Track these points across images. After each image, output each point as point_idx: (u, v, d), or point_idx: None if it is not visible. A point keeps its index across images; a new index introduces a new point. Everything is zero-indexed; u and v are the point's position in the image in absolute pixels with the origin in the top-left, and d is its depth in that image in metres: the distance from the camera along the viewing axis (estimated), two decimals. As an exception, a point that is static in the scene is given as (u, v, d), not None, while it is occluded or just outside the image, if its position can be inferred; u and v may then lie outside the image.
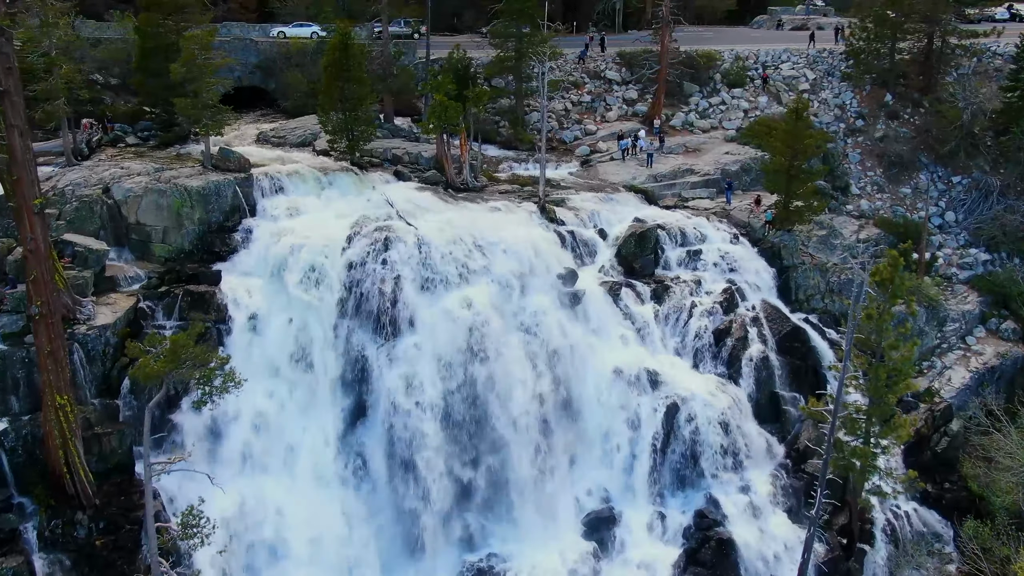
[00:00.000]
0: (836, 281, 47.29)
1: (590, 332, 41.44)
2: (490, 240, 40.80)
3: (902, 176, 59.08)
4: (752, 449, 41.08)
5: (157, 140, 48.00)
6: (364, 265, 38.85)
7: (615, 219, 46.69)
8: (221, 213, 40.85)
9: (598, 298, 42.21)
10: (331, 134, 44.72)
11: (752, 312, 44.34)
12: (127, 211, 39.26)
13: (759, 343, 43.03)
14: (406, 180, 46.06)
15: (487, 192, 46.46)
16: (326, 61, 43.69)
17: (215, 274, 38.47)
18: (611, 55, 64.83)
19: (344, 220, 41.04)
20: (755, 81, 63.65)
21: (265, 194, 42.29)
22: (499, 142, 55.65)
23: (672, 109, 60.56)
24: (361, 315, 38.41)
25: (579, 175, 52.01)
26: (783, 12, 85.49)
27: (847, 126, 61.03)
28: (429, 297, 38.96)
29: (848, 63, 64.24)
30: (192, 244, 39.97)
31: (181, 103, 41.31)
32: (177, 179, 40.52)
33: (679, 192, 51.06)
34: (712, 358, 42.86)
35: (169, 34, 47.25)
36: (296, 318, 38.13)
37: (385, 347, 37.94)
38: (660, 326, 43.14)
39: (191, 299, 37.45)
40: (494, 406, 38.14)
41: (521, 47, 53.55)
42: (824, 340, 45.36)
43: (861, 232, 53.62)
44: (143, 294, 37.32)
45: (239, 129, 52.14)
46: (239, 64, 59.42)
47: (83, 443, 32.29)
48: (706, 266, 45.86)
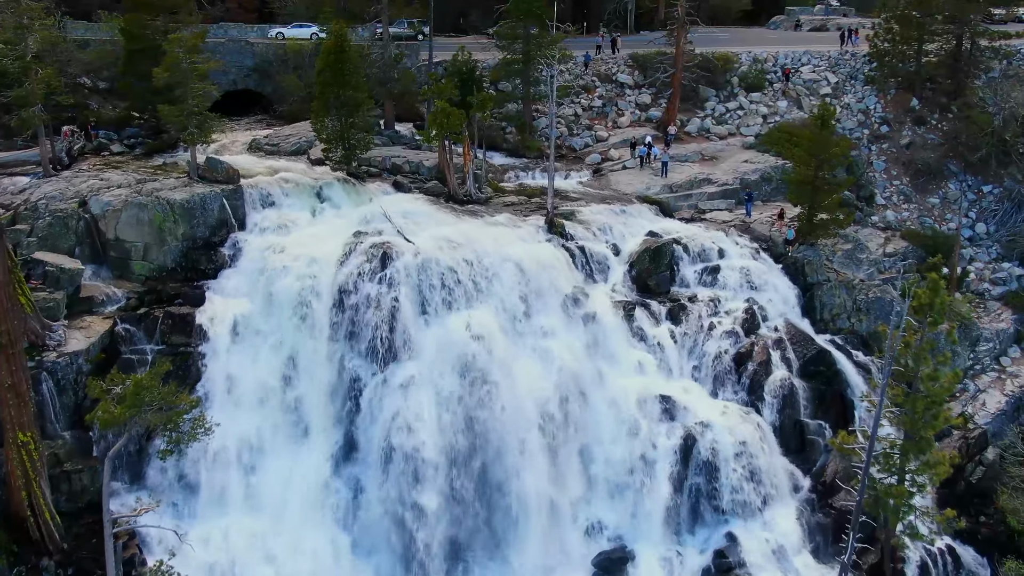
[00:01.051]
0: (864, 299, 44.31)
1: (601, 357, 38.63)
2: (495, 258, 38.11)
3: (930, 185, 56.09)
4: (776, 483, 38.16)
5: (144, 148, 45.54)
6: (359, 285, 36.25)
7: (628, 233, 43.90)
8: (207, 228, 38.24)
9: (610, 320, 39.38)
10: (326, 143, 42.05)
11: (775, 333, 41.43)
12: (105, 226, 36.69)
13: (783, 368, 40.14)
14: (406, 191, 43.39)
15: (492, 204, 43.72)
16: (320, 65, 41.01)
17: (199, 294, 35.88)
18: (623, 57, 61.95)
19: (338, 236, 38.41)
20: (774, 85, 60.73)
21: (255, 207, 39.73)
22: (505, 149, 52.92)
23: (687, 114, 57.68)
24: (355, 339, 35.85)
25: (590, 185, 49.21)
26: (801, 12, 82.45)
27: (871, 132, 58.09)
28: (428, 320, 36.35)
29: (872, 66, 61.28)
30: (175, 261, 37.39)
31: (165, 110, 38.71)
32: (160, 191, 37.91)
33: (696, 203, 48.23)
34: (732, 384, 39.98)
35: (156, 36, 44.84)
36: (285, 342, 35.64)
37: (381, 374, 35.27)
38: (676, 349, 40.27)
39: (172, 322, 34.96)
40: (498, 438, 35.42)
41: (529, 49, 50.75)
42: (851, 363, 42.39)
43: (888, 245, 50.70)
44: (120, 316, 34.82)
45: (231, 136, 49.57)
46: (234, 67, 57.01)
47: (50, 481, 29.82)
48: (725, 284, 42.96)
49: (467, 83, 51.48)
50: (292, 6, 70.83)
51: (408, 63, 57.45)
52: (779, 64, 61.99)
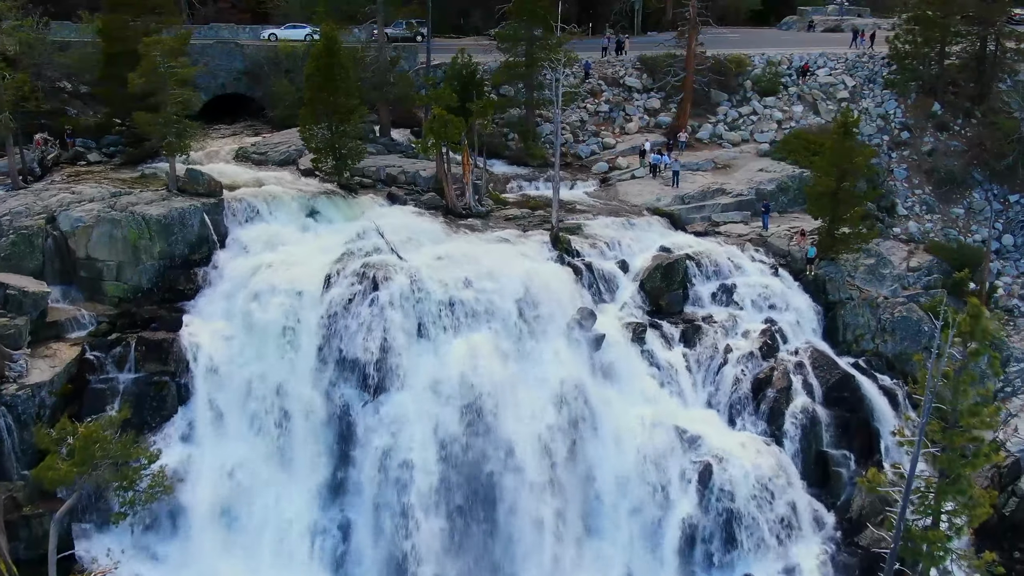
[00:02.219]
0: (889, 319, 41.56)
1: (610, 383, 35.92)
2: (495, 277, 35.33)
3: (953, 194, 53.37)
4: (798, 520, 35.46)
5: (124, 157, 42.85)
6: (349, 308, 33.57)
7: (637, 248, 41.16)
8: (186, 245, 35.57)
9: (619, 343, 36.65)
10: (315, 152, 39.32)
11: (795, 357, 38.73)
12: (75, 244, 34.02)
13: (804, 395, 37.42)
14: (401, 204, 40.66)
15: (493, 218, 40.99)
16: (310, 69, 38.29)
17: (175, 318, 33.23)
18: (631, 60, 59.17)
19: (328, 254, 35.73)
20: (789, 88, 57.93)
21: (238, 222, 37.10)
22: (507, 157, 50.18)
23: (698, 120, 54.93)
24: (344, 367, 33.17)
25: (597, 195, 46.49)
26: (814, 12, 79.61)
27: (891, 138, 55.33)
28: (423, 346, 33.65)
29: (891, 68, 58.50)
30: (151, 282, 34.72)
31: (141, 118, 35.99)
32: (135, 206, 35.23)
33: (709, 215, 45.51)
34: (750, 412, 37.27)
35: (138, 38, 41.97)
36: (270, 370, 32.96)
37: (372, 404, 32.63)
38: (690, 374, 37.59)
39: (146, 348, 32.33)
40: (498, 473, 32.73)
41: (532, 52, 47.97)
42: (876, 388, 39.66)
43: (911, 259, 47.96)
44: (90, 343, 32.18)
45: (217, 143, 46.93)
46: (223, 70, 54.42)
47: (8, 528, 27.11)
48: (742, 302, 40.27)
49: (467, 87, 48.74)
50: (286, 5, 68.09)
51: (405, 66, 54.80)
52: (794, 67, 59.17)
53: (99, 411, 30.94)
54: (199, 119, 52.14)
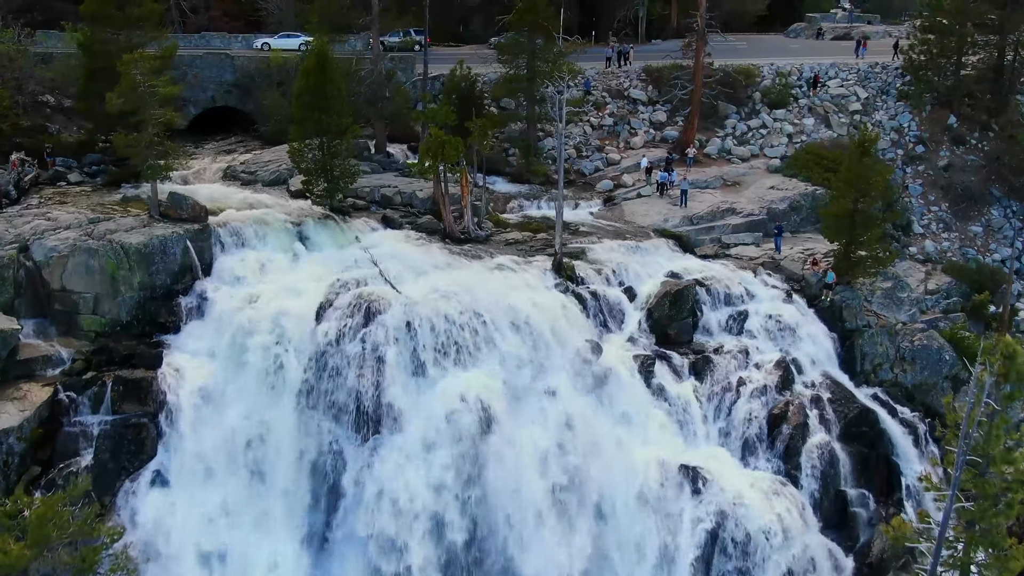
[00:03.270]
0: (908, 347, 39.59)
1: (617, 421, 33.97)
2: (495, 309, 33.44)
3: (971, 212, 51.40)
4: (816, 565, 33.44)
5: (106, 177, 40.71)
6: (339, 344, 31.57)
7: (644, 274, 39.17)
8: (168, 275, 33.55)
9: (626, 377, 34.68)
10: (306, 175, 37.30)
11: (811, 390, 36.76)
12: (50, 276, 31.99)
13: (821, 431, 35.42)
14: (396, 227, 38.72)
15: (492, 242, 38.96)
16: (299, 87, 36.25)
17: (155, 355, 31.26)
18: (635, 70, 57.11)
19: (318, 284, 33.72)
20: (799, 100, 55.91)
21: (224, 249, 35.07)
22: (508, 173, 48.18)
23: (706, 134, 52.89)
24: (335, 407, 31.23)
25: (601, 216, 44.50)
26: (823, 19, 77.59)
27: (906, 153, 53.35)
28: (419, 384, 31.65)
29: (905, 80, 56.50)
30: (130, 315, 32.66)
31: (120, 140, 34.00)
32: (114, 233, 33.20)
33: (719, 237, 43.53)
34: (765, 450, 35.28)
35: (120, 52, 40.02)
36: (255, 410, 31.00)
37: (364, 448, 30.67)
38: (701, 409, 35.60)
39: (124, 388, 30.36)
40: (498, 521, 30.81)
41: (534, 65, 45.95)
42: (896, 421, 37.69)
43: (929, 281, 46.04)
44: (64, 382, 30.19)
45: (205, 161, 45.01)
46: (212, 82, 52.47)
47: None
48: (754, 331, 38.26)
49: (466, 102, 46.88)
50: (280, 13, 66.13)
51: (402, 77, 52.80)
52: (804, 77, 57.16)
53: (72, 456, 29.33)
54: (188, 133, 50.94)
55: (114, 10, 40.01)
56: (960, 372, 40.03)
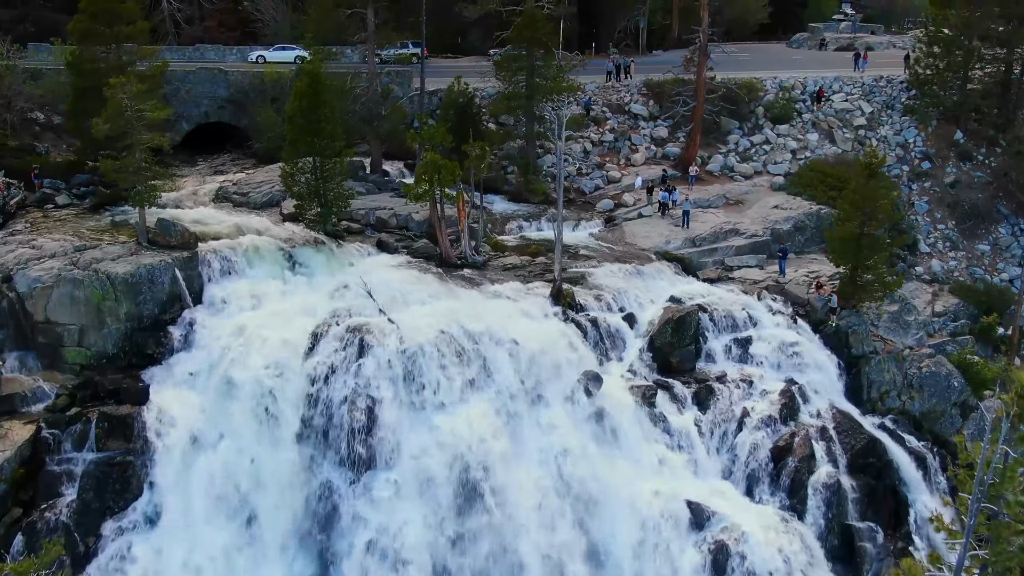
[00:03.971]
0: (916, 374, 38.59)
1: (618, 454, 33.02)
2: (492, 341, 32.48)
3: (978, 230, 50.42)
4: (822, 604, 32.56)
5: (95, 199, 39.78)
6: (332, 377, 30.67)
7: (646, 299, 38.25)
8: (156, 304, 32.62)
9: (627, 409, 33.72)
10: (298, 199, 36.35)
11: (817, 420, 35.78)
12: (33, 307, 31.06)
13: (828, 464, 34.44)
14: (391, 252, 37.77)
15: (490, 268, 38.00)
16: (292, 108, 35.31)
17: (141, 390, 30.27)
18: (636, 84, 56.13)
19: (311, 314, 32.83)
20: (803, 115, 54.98)
21: (214, 277, 34.15)
22: (506, 192, 47.22)
23: (708, 150, 51.98)
24: (327, 443, 30.29)
25: (602, 237, 43.52)
26: (826, 30, 76.64)
27: (911, 169, 52.41)
28: (414, 418, 30.70)
29: (911, 94, 55.55)
30: (116, 346, 31.74)
31: (107, 165, 33.05)
32: (100, 262, 32.27)
33: (722, 259, 42.57)
34: (770, 483, 34.29)
35: (110, 71, 39.17)
36: (245, 447, 30.04)
37: (357, 486, 29.69)
38: (704, 441, 34.65)
39: (108, 424, 29.31)
40: (496, 560, 29.79)
41: (533, 82, 44.98)
42: (903, 450, 36.70)
43: (936, 302, 45.00)
44: (46, 419, 29.18)
45: (197, 181, 44.11)
46: (206, 98, 51.65)
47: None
48: (758, 358, 37.35)
49: (463, 118, 46.07)
50: (275, 25, 65.26)
51: (399, 92, 51.96)
52: (808, 91, 56.22)
53: (54, 497, 28.34)
54: (181, 149, 50.04)
55: (103, 28, 39.17)
56: (969, 398, 39.10)
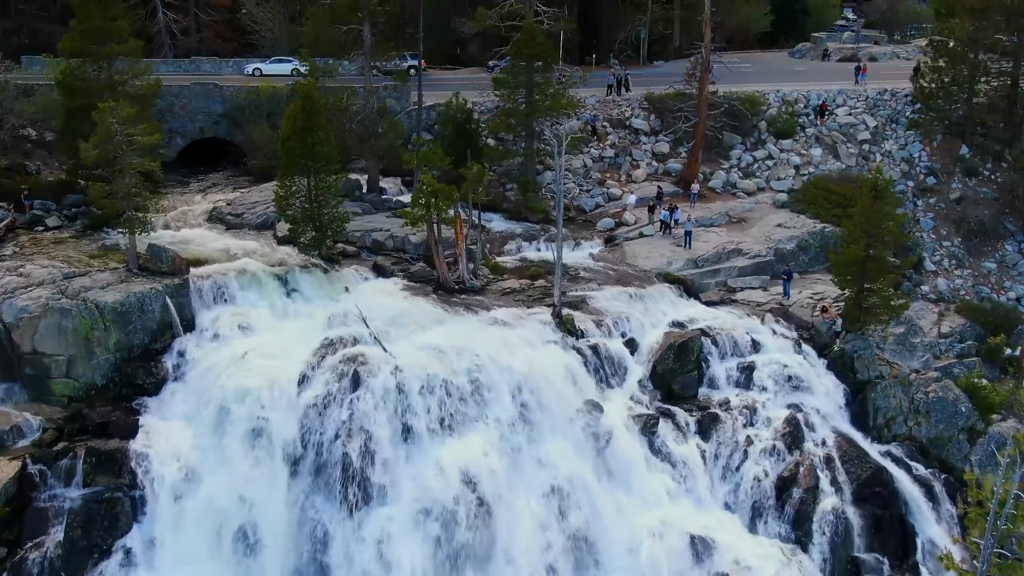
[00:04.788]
0: (923, 400, 37.83)
1: (619, 485, 32.39)
2: (491, 370, 31.87)
3: (984, 247, 49.57)
4: (828, 640, 31.88)
5: (86, 221, 39.03)
6: (326, 410, 29.99)
7: (647, 323, 37.55)
8: (146, 333, 31.93)
9: (628, 439, 33.07)
10: (292, 223, 35.62)
11: (822, 449, 35.10)
12: (20, 337, 30.33)
13: (833, 495, 33.75)
14: (388, 276, 37.10)
15: (488, 293, 37.23)
16: (285, 131, 34.57)
17: (131, 423, 29.59)
18: (637, 98, 55.35)
19: (305, 342, 32.11)
20: (806, 129, 54.21)
21: (206, 304, 33.44)
22: (506, 210, 46.42)
23: (711, 165, 51.22)
24: (320, 478, 29.58)
25: (602, 258, 42.74)
26: (829, 40, 75.87)
27: (916, 184, 51.57)
28: (410, 451, 30.08)
29: (915, 107, 54.76)
30: (106, 377, 31.05)
31: (95, 190, 32.34)
32: (89, 291, 31.57)
33: (724, 280, 41.84)
34: (774, 514, 33.58)
35: (101, 90, 38.55)
36: (237, 481, 29.31)
37: (352, 521, 28.98)
38: (707, 471, 33.97)
39: (96, 459, 28.58)
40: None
41: (532, 99, 44.24)
42: (910, 479, 35.98)
43: (942, 323, 44.20)
44: (33, 454, 28.41)
45: (191, 200, 43.48)
46: (200, 113, 51.07)
47: None
48: (762, 384, 36.66)
49: (461, 135, 45.37)
50: (272, 35, 64.60)
51: (397, 107, 51.26)
52: (811, 105, 55.47)
53: (41, 535, 27.60)
54: (176, 165, 49.39)
55: (94, 46, 38.47)
56: (976, 423, 38.35)
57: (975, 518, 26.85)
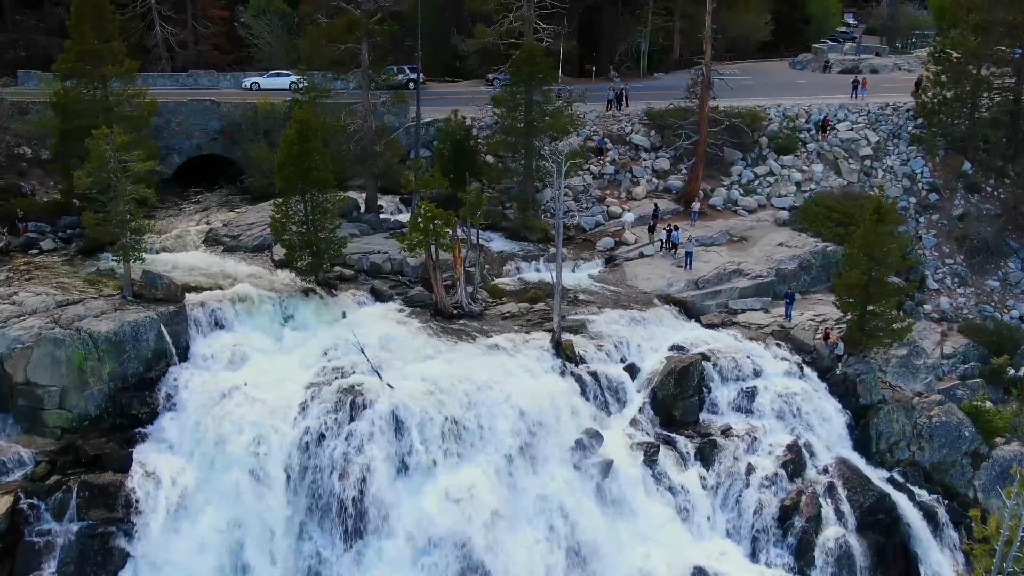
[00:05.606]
0: (926, 424, 37.44)
1: (619, 515, 32.03)
2: (489, 400, 31.49)
3: (987, 264, 49.20)
4: (830, 672, 31.51)
5: (82, 243, 38.64)
6: (322, 442, 29.57)
7: (648, 347, 37.16)
8: (141, 363, 31.51)
9: (629, 468, 32.71)
10: (289, 248, 35.24)
11: (825, 476, 34.72)
12: (12, 368, 29.89)
13: (836, 524, 33.39)
14: (386, 301, 36.70)
15: (487, 318, 36.83)
16: (281, 157, 34.16)
17: (124, 456, 29.19)
18: (637, 114, 54.94)
19: (301, 372, 31.79)
20: (807, 145, 53.84)
21: (201, 331, 33.04)
22: (505, 228, 46.03)
23: (711, 182, 50.83)
24: (317, 510, 29.21)
25: (602, 279, 42.32)
26: (830, 51, 75.47)
27: (919, 201, 51.22)
28: (407, 484, 29.67)
29: (917, 122, 54.38)
30: (100, 408, 30.60)
31: (89, 218, 31.97)
32: (83, 319, 31.15)
33: (725, 302, 41.40)
34: (776, 543, 33.21)
35: (96, 110, 38.23)
36: (232, 514, 29.01)
37: (348, 554, 28.63)
38: (708, 499, 33.57)
39: (89, 493, 28.20)
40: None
41: (531, 118, 43.86)
42: (913, 505, 35.59)
43: (945, 343, 43.82)
44: (25, 488, 28.03)
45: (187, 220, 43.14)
46: (198, 129, 50.71)
47: None
48: (763, 410, 36.27)
49: (460, 153, 45.00)
50: (270, 49, 64.23)
51: (395, 122, 50.91)
52: (812, 120, 55.10)
53: (33, 571, 27.27)
54: (173, 183, 49.05)
55: (89, 67, 38.11)
56: (980, 447, 37.97)
57: (979, 554, 26.58)
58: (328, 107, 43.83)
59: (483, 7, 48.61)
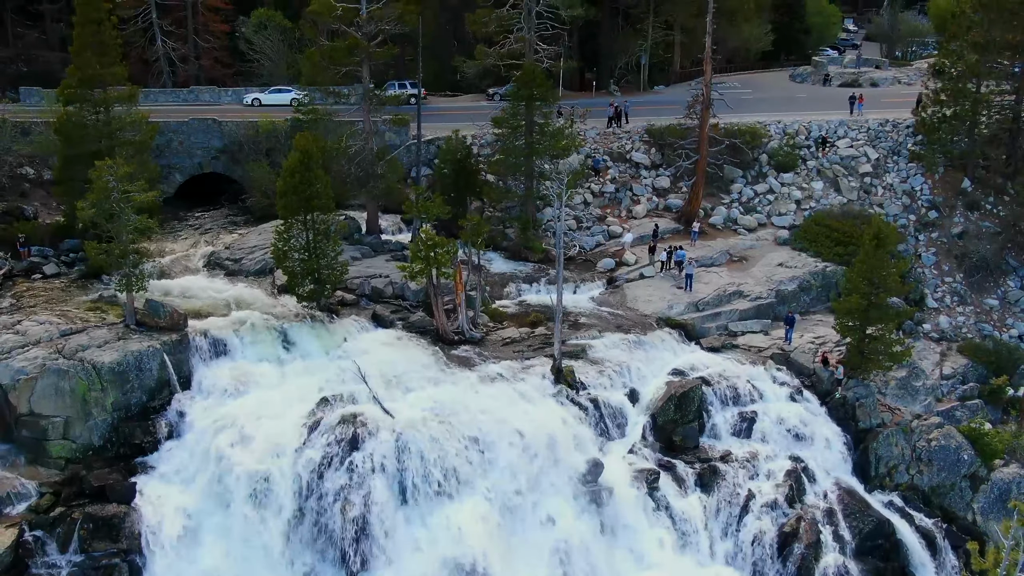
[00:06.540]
0: (925, 448, 37.61)
1: (620, 543, 32.23)
2: (490, 430, 31.63)
3: (987, 283, 49.37)
4: None
5: (84, 268, 38.77)
6: (325, 472, 29.73)
7: (648, 372, 37.33)
8: (144, 392, 31.69)
9: (629, 495, 32.84)
10: (290, 276, 35.39)
11: (824, 502, 34.88)
12: (16, 399, 30.06)
13: (835, 550, 33.52)
14: (387, 326, 36.84)
15: (488, 344, 36.98)
16: (282, 186, 34.29)
17: (127, 488, 29.29)
18: (638, 131, 55.07)
19: (303, 401, 31.86)
20: (807, 162, 53.99)
21: (204, 360, 33.21)
22: (506, 248, 46.17)
23: (711, 200, 51.00)
24: (320, 541, 29.37)
25: (603, 301, 42.48)
26: (830, 63, 75.59)
27: (918, 218, 51.38)
28: (409, 516, 29.84)
29: (917, 139, 54.51)
30: (103, 438, 30.77)
31: (91, 248, 32.12)
32: (86, 350, 31.31)
33: (725, 324, 41.55)
34: (776, 570, 33.36)
35: (99, 136, 38.43)
36: (235, 545, 29.16)
37: (351, 587, 28.81)
38: (708, 526, 33.72)
39: (93, 525, 28.33)
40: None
41: (531, 140, 44.01)
42: (912, 529, 35.74)
43: (944, 363, 44.02)
44: (30, 520, 28.13)
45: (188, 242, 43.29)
46: (199, 148, 50.93)
47: None
48: (763, 435, 36.46)
49: (461, 173, 45.21)
50: (271, 64, 64.40)
51: (396, 140, 51.08)
52: (812, 137, 55.25)
53: (38, 604, 27.33)
54: (175, 202, 49.25)
55: (90, 92, 38.28)
56: (979, 470, 38.12)
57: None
58: (330, 125, 44.04)
59: (484, 29, 48.72)
